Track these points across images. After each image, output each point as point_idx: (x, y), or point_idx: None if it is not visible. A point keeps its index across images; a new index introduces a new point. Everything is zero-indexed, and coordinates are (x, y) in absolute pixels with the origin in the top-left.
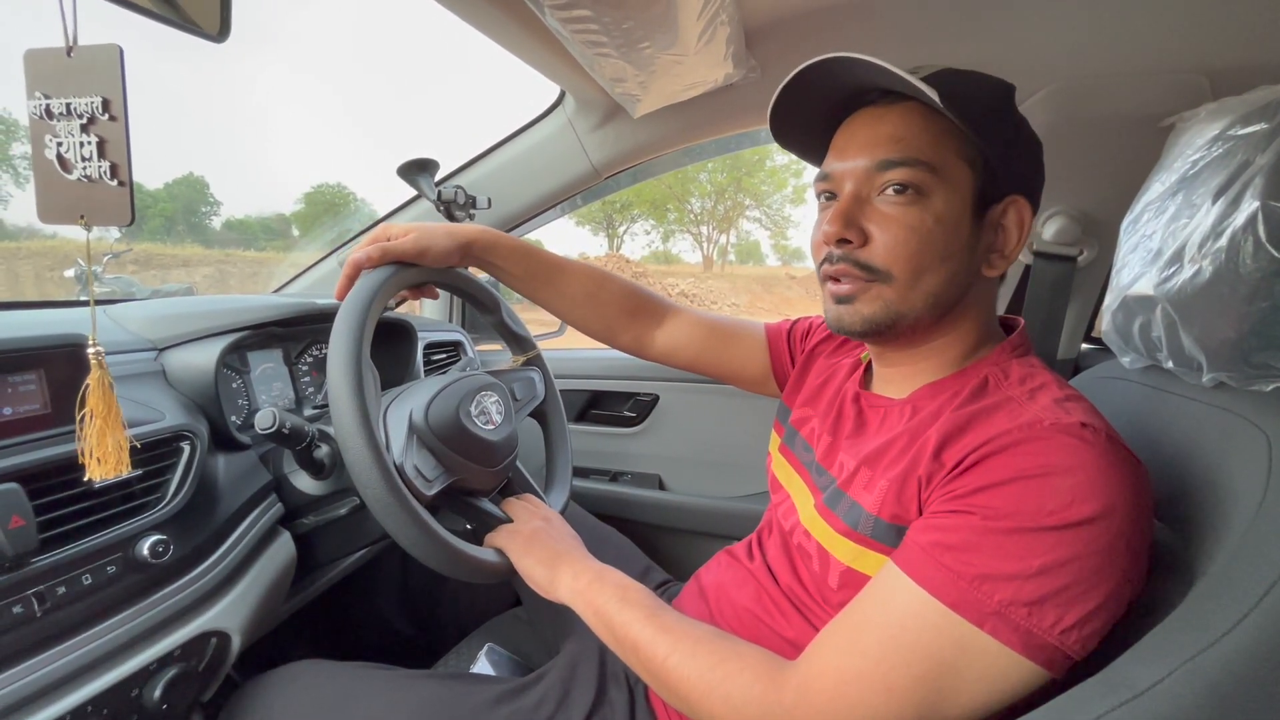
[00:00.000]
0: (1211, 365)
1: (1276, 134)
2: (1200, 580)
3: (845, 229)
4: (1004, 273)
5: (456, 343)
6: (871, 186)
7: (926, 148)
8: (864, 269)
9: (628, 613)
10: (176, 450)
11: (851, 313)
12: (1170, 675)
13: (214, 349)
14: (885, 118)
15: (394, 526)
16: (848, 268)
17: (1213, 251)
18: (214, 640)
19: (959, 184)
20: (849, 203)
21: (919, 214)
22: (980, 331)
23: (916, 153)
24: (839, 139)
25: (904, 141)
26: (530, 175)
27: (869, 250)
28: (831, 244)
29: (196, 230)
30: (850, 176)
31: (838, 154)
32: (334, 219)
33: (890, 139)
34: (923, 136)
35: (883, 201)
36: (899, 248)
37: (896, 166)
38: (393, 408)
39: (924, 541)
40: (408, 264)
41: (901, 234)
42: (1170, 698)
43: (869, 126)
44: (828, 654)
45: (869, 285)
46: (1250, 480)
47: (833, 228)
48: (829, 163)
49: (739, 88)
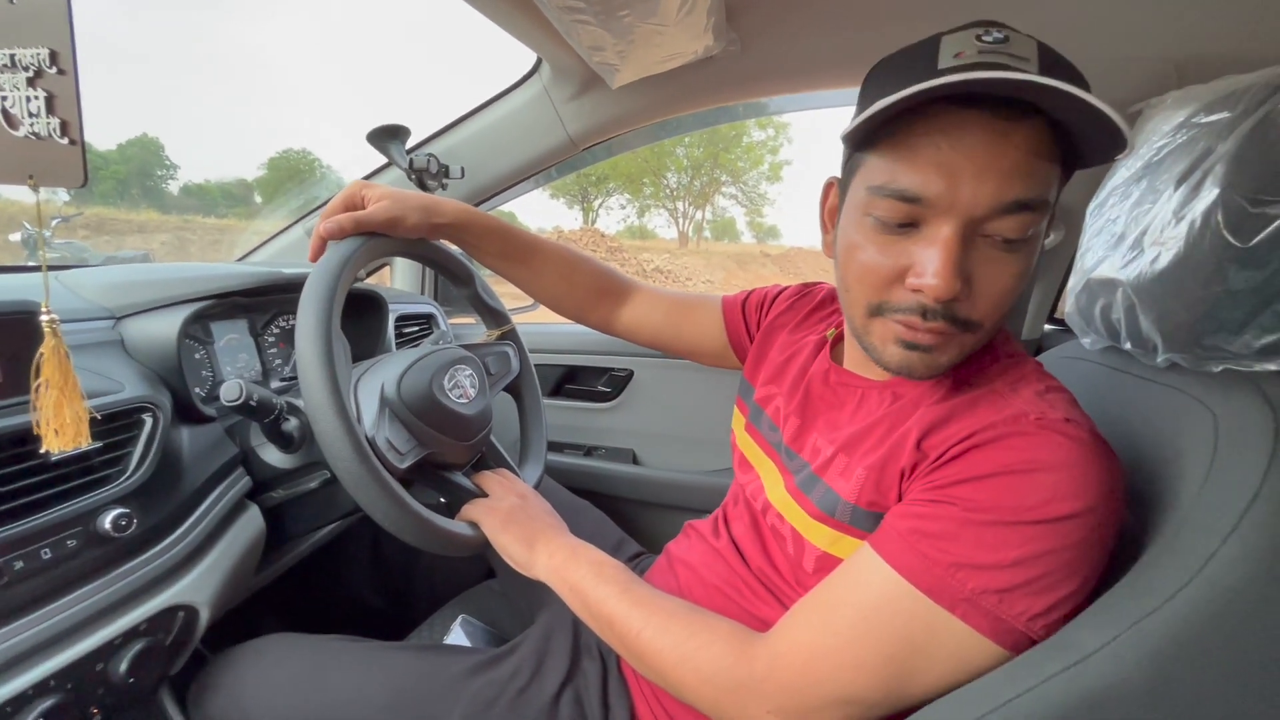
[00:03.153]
0: (1167, 347)
1: (1238, 123)
2: (1148, 550)
3: (961, 286)
4: None
5: (429, 315)
6: (981, 225)
7: (1048, 181)
8: (958, 323)
9: (603, 588)
10: (138, 422)
11: (928, 362)
12: (1116, 639)
13: (176, 318)
14: (1010, 138)
15: (366, 500)
16: (944, 325)
17: (1173, 237)
18: (181, 614)
19: (1049, 216)
20: (959, 249)
21: (1023, 260)
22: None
23: (1044, 190)
24: (937, 152)
25: (1033, 175)
26: (505, 145)
27: (969, 305)
28: (936, 300)
29: (152, 194)
30: (960, 213)
31: (944, 176)
32: (299, 186)
33: (1019, 171)
34: (1047, 166)
35: (989, 244)
36: (1002, 302)
37: (1027, 210)
38: (363, 380)
39: (903, 528)
40: (379, 234)
41: (1009, 285)
42: (1115, 660)
43: (990, 148)
44: (800, 630)
45: (954, 336)
46: (1197, 457)
47: (945, 286)
48: (920, 181)
49: (719, 61)
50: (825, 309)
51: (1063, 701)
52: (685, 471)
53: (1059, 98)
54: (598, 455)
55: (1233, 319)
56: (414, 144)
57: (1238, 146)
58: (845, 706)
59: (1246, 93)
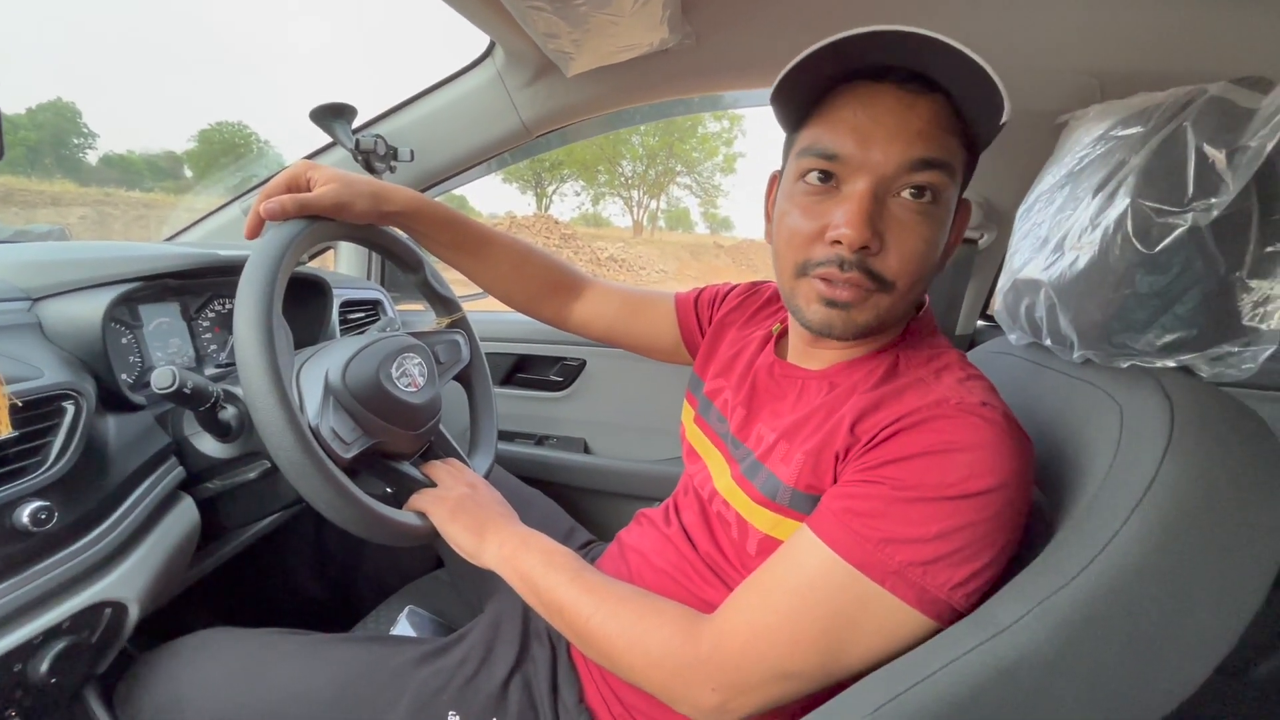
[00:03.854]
0: (1081, 344)
1: (1150, 137)
2: (1059, 532)
3: (872, 237)
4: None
5: (375, 301)
6: (891, 185)
7: (949, 148)
8: (873, 278)
9: (553, 576)
10: (59, 410)
11: (845, 320)
12: (1028, 614)
13: (100, 300)
14: (915, 108)
15: (309, 490)
16: (859, 276)
17: (1089, 241)
18: (108, 611)
19: (956, 188)
20: (871, 203)
21: (931, 225)
22: (907, 318)
23: (944, 154)
24: (854, 115)
25: (935, 141)
26: (456, 129)
27: (882, 260)
28: (850, 249)
29: (67, 164)
30: (871, 170)
31: (856, 137)
32: (235, 162)
33: (922, 135)
34: (947, 136)
35: (899, 205)
36: (911, 260)
37: (929, 168)
38: (306, 368)
39: (836, 508)
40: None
41: (918, 247)
42: (1027, 633)
43: (896, 115)
44: (741, 610)
45: (870, 294)
46: (1105, 445)
47: (856, 233)
48: (837, 141)
49: (674, 53)
50: (772, 306)
51: (980, 672)
52: (636, 461)
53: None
54: (549, 444)
55: (1139, 319)
56: (361, 124)
57: (1147, 159)
58: (783, 681)
59: (1158, 109)
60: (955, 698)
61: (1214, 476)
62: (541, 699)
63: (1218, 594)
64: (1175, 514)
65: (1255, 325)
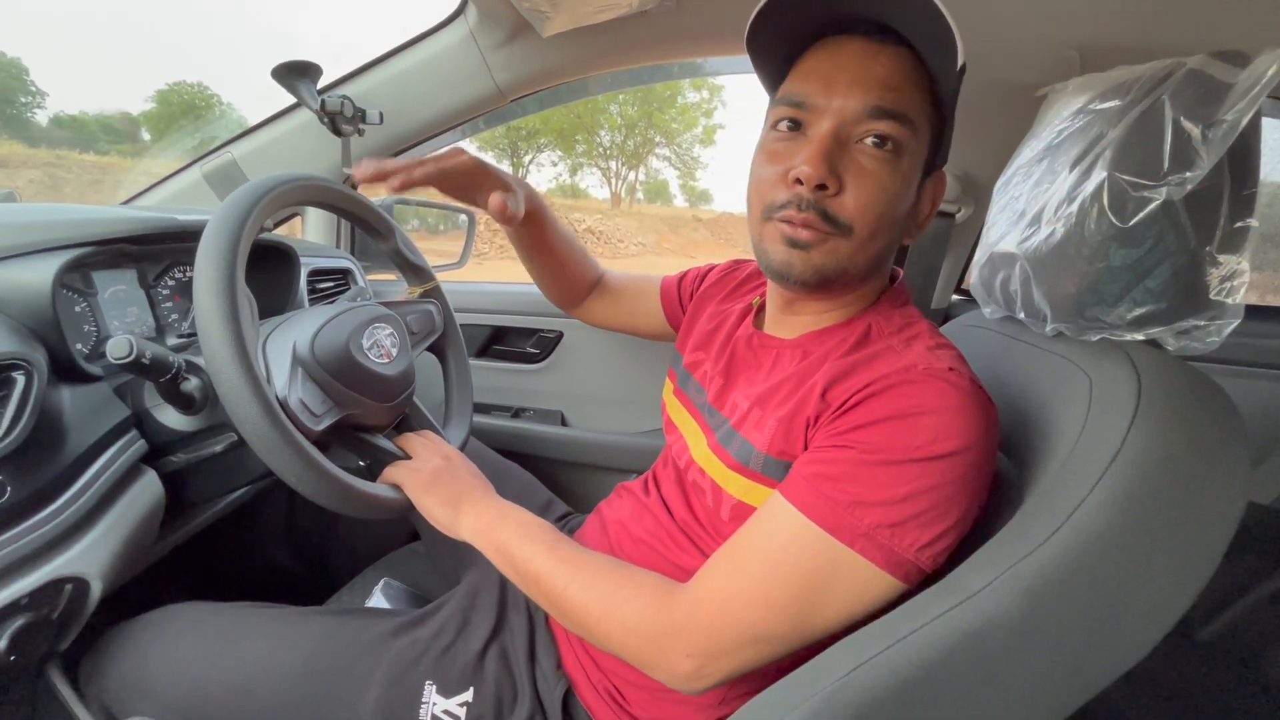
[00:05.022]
0: (1054, 317)
1: (1127, 111)
2: (1027, 500)
3: (829, 174)
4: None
5: (345, 270)
6: (853, 131)
7: (913, 103)
8: (829, 220)
9: (529, 547)
10: (7, 380)
11: (804, 260)
12: (996, 579)
13: (49, 266)
14: (878, 57)
15: (279, 463)
16: (815, 218)
17: (1065, 215)
18: (69, 586)
19: (921, 148)
20: (831, 144)
21: (891, 172)
22: (879, 288)
23: (906, 106)
24: (820, 64)
25: (897, 91)
26: (427, 91)
27: (839, 201)
28: (808, 187)
29: (14, 125)
30: (833, 114)
31: (821, 84)
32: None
33: (883, 83)
34: (911, 90)
35: (860, 151)
36: (869, 205)
37: (887, 117)
38: (272, 338)
39: (807, 474)
40: (305, 181)
41: (875, 191)
42: (995, 598)
43: (860, 62)
44: (715, 576)
45: (828, 237)
46: (1074, 416)
47: (813, 170)
48: (805, 90)
49: (654, 16)
50: (751, 282)
51: (948, 635)
52: (614, 433)
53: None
54: (526, 417)
55: (1110, 292)
56: (326, 85)
57: (1124, 133)
58: (756, 645)
59: (1137, 83)
60: (924, 660)
61: (1176, 447)
62: (519, 667)
63: (1175, 560)
64: (1138, 483)
65: (1221, 299)
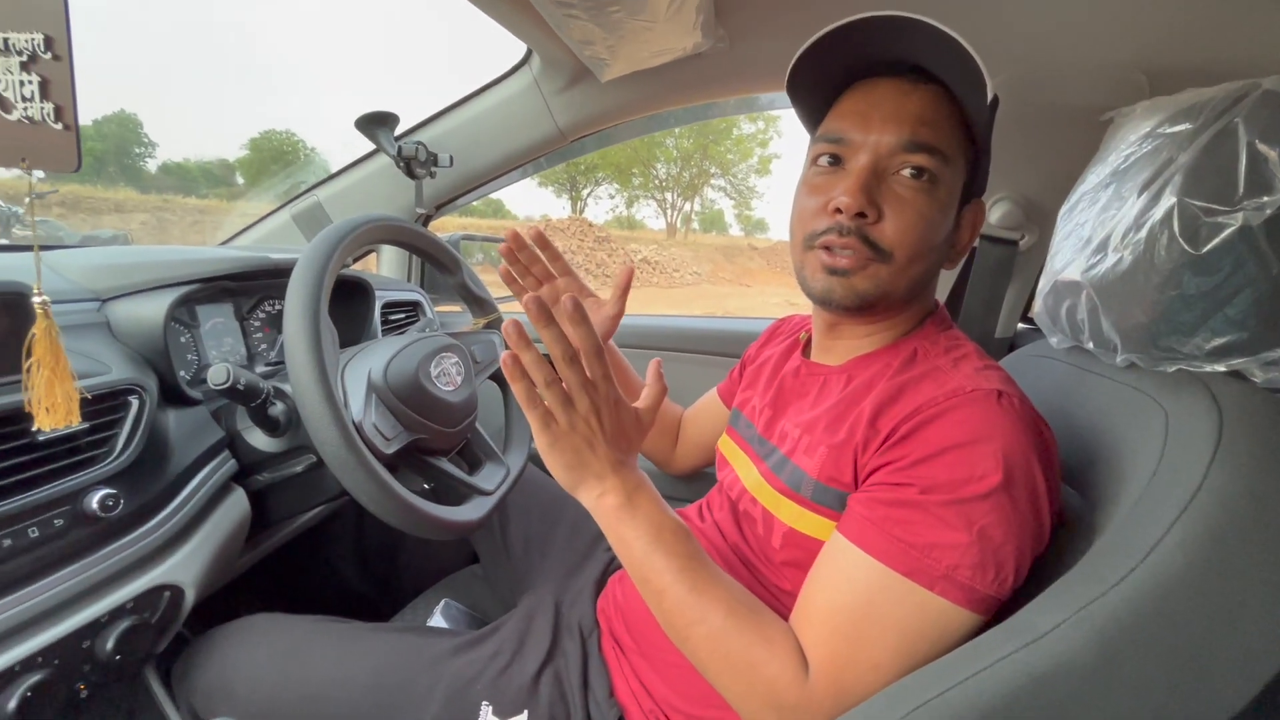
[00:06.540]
0: (1125, 347)
1: (1198, 134)
2: (1099, 539)
3: (868, 204)
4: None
5: (415, 303)
6: (890, 164)
7: (946, 137)
8: (870, 246)
9: (659, 559)
10: (125, 404)
11: (846, 286)
12: (1066, 621)
13: (162, 301)
14: (911, 95)
15: (353, 483)
16: (856, 242)
17: (1133, 242)
18: (167, 594)
19: (957, 179)
20: (869, 176)
21: (929, 200)
22: (921, 313)
23: (939, 140)
24: (857, 104)
25: (931, 126)
26: (494, 134)
27: (879, 229)
28: (848, 215)
29: (130, 173)
30: (870, 149)
31: (859, 121)
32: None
33: (918, 119)
34: (945, 124)
35: (897, 182)
36: (908, 231)
37: (922, 150)
38: (350, 366)
39: (874, 517)
40: (382, 221)
41: (913, 218)
42: (1064, 640)
43: (894, 100)
44: (818, 648)
45: (869, 262)
46: (1149, 451)
47: (852, 199)
48: (843, 127)
49: (707, 57)
50: (798, 327)
51: (1014, 678)
52: None
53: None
54: None
55: (1186, 322)
56: (402, 131)
57: (1195, 157)
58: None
59: (1207, 106)
60: (989, 704)
61: (1264, 486)
62: (572, 693)
63: (1267, 608)
64: (1222, 523)
65: None
